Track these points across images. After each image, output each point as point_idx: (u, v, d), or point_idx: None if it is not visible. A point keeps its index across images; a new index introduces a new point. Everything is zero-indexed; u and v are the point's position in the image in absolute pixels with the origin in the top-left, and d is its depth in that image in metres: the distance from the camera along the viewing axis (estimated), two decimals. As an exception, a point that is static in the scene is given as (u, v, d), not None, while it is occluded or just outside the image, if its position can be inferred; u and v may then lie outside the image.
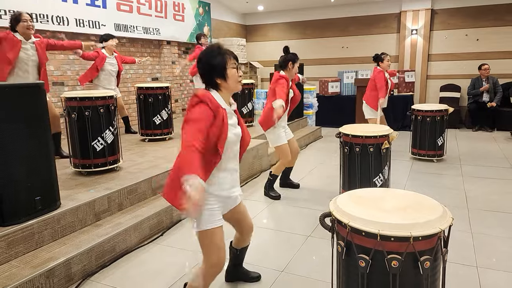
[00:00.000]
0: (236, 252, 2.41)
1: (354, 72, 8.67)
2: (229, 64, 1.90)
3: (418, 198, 1.76)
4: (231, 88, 1.94)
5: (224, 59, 1.89)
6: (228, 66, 1.90)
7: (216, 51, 1.90)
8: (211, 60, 1.89)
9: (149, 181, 3.65)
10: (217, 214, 1.94)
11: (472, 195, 4.06)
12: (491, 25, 8.27)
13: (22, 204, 2.59)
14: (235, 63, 1.93)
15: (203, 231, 1.91)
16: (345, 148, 3.60)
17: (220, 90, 1.94)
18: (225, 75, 1.89)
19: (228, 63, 1.90)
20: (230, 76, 1.90)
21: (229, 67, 1.90)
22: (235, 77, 1.92)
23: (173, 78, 7.76)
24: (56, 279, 2.46)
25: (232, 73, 1.91)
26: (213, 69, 1.89)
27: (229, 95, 1.99)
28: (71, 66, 5.68)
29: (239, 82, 1.96)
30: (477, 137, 7.17)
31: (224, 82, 1.91)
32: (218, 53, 1.90)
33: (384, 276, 1.51)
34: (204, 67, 1.92)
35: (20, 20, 3.74)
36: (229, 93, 1.98)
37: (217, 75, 1.90)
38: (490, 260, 2.76)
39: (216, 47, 1.93)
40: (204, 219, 1.90)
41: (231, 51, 1.95)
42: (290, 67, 3.83)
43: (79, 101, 3.58)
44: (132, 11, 6.53)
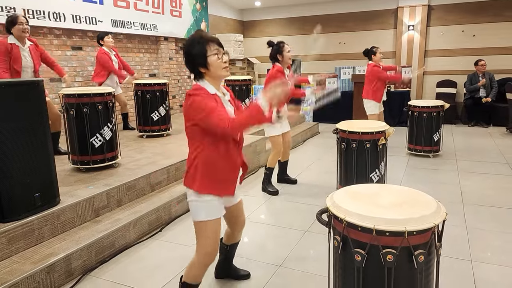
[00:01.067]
0: (226, 248, 2.41)
1: (351, 68, 8.69)
2: (210, 52, 1.84)
3: (413, 194, 1.80)
4: (215, 75, 1.89)
5: (204, 47, 1.83)
6: (208, 54, 1.83)
7: (196, 40, 1.85)
8: (191, 49, 1.85)
9: (148, 177, 3.68)
10: (217, 206, 1.96)
11: (467, 190, 4.11)
12: (488, 21, 8.29)
13: (22, 200, 2.61)
14: (217, 49, 1.86)
15: (200, 222, 1.93)
16: (342, 144, 3.63)
17: (206, 78, 1.89)
18: (206, 63, 1.84)
19: (208, 50, 1.83)
20: (212, 63, 1.85)
21: (210, 55, 1.84)
22: (217, 64, 1.86)
23: (170, 74, 7.76)
24: (57, 274, 2.49)
25: (213, 60, 1.84)
26: (194, 58, 1.85)
27: (218, 83, 1.94)
28: (69, 62, 5.67)
29: (224, 69, 1.89)
30: (473, 133, 7.22)
31: (207, 71, 1.87)
32: (197, 41, 1.85)
33: (379, 270, 1.55)
34: (187, 58, 1.89)
35: (16, 23, 3.73)
36: (216, 81, 1.92)
37: (199, 65, 1.85)
38: (484, 254, 2.81)
39: (197, 36, 1.88)
40: (202, 210, 1.92)
41: (213, 37, 1.88)
42: (280, 58, 3.91)
43: (77, 97, 3.59)
44: (129, 7, 6.51)
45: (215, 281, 2.53)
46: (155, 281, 2.56)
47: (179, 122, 6.76)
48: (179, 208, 3.65)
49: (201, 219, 1.93)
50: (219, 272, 2.53)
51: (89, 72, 5.94)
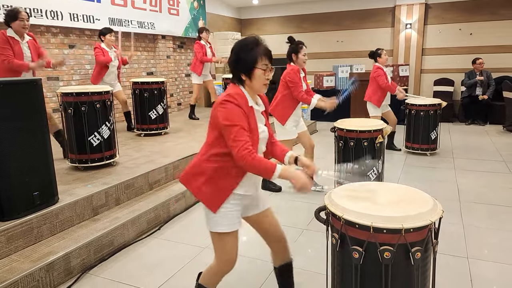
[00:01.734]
0: (277, 271, 2.13)
1: (348, 66, 8.71)
2: (259, 64, 1.75)
3: (409, 192, 1.81)
4: (254, 88, 1.80)
5: (255, 57, 1.74)
6: (257, 66, 1.74)
7: (251, 46, 1.76)
8: (242, 53, 1.76)
9: (146, 176, 3.68)
10: (233, 218, 1.84)
11: (464, 188, 4.14)
12: (485, 19, 8.32)
13: (21, 199, 2.62)
14: (266, 65, 1.77)
15: (215, 233, 1.84)
16: (340, 142, 3.65)
17: (244, 87, 1.81)
18: (251, 74, 1.76)
19: (258, 62, 1.74)
20: (256, 76, 1.76)
21: (258, 67, 1.75)
22: (261, 79, 1.77)
23: (168, 72, 7.75)
24: (56, 272, 2.49)
25: (259, 74, 1.76)
26: (241, 63, 1.76)
27: (254, 94, 1.85)
28: (66, 60, 5.65)
29: (264, 85, 1.81)
30: (470, 131, 7.26)
31: (248, 80, 1.78)
32: (251, 48, 1.76)
33: (377, 267, 1.56)
34: (233, 59, 1.79)
35: (17, 18, 3.69)
36: (253, 92, 1.83)
37: (243, 71, 1.77)
38: (480, 251, 2.83)
39: (253, 40, 1.79)
40: (218, 221, 1.82)
41: (267, 50, 1.79)
42: (294, 58, 3.86)
43: (75, 96, 3.59)
44: (126, 5, 6.50)
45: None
46: (154, 279, 2.57)
47: (177, 120, 6.77)
48: (178, 207, 3.66)
49: (216, 231, 1.83)
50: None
51: (86, 70, 5.94)
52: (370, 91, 5.36)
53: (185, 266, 2.72)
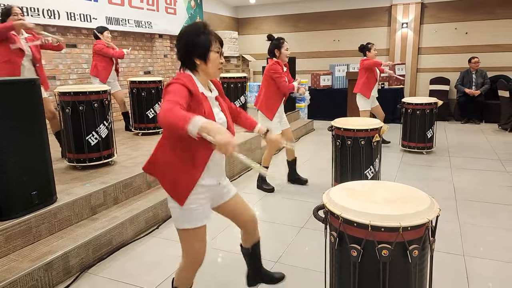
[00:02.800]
0: (249, 251, 2.16)
1: (345, 66, 8.74)
2: (213, 47, 1.73)
3: (407, 190, 1.83)
4: (209, 72, 1.77)
5: (209, 40, 1.72)
6: (212, 49, 1.73)
7: (201, 30, 1.73)
8: (194, 38, 1.72)
9: (144, 175, 3.69)
10: (199, 214, 1.79)
11: (460, 186, 4.17)
12: (481, 18, 8.37)
13: (19, 199, 2.62)
14: (219, 48, 1.76)
15: (182, 230, 1.81)
16: (337, 141, 3.67)
17: (197, 72, 1.76)
18: (206, 57, 1.72)
19: (212, 45, 1.73)
20: (212, 60, 1.73)
21: (213, 50, 1.73)
22: (216, 62, 1.75)
23: (165, 71, 7.75)
24: (55, 272, 2.50)
25: (214, 57, 1.74)
26: (195, 48, 1.71)
27: (206, 80, 1.81)
28: (63, 60, 5.65)
29: (219, 69, 1.79)
30: (465, 130, 7.31)
31: (203, 65, 1.74)
32: (202, 32, 1.73)
33: (375, 264, 1.58)
34: (185, 44, 1.74)
35: (10, 14, 3.70)
36: (206, 78, 1.80)
37: (197, 56, 1.72)
38: (476, 249, 2.86)
39: (202, 24, 1.76)
40: (184, 218, 1.79)
41: (217, 35, 1.78)
42: (277, 54, 3.93)
43: (73, 95, 3.59)
44: (123, 4, 6.49)
45: (211, 277, 2.56)
46: (152, 278, 2.58)
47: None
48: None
49: (183, 227, 1.80)
50: (251, 280, 2.30)
51: (83, 69, 5.93)
52: (359, 83, 5.47)
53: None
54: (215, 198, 1.92)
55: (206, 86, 1.82)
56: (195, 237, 1.81)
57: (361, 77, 5.48)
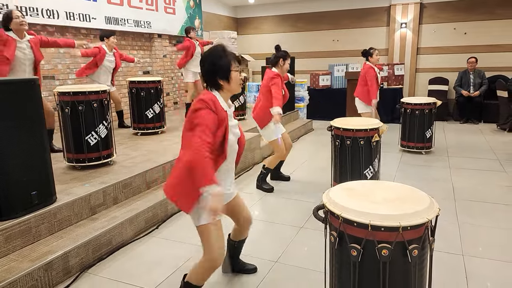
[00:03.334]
0: (234, 244, 2.47)
1: (344, 65, 8.75)
2: (233, 67, 1.97)
3: (406, 190, 1.84)
4: (232, 90, 2.01)
5: (229, 61, 1.95)
6: (232, 69, 1.96)
7: (221, 53, 1.96)
8: (216, 61, 1.94)
9: (144, 175, 3.69)
10: None
11: (458, 186, 4.19)
12: (479, 19, 8.39)
13: (19, 199, 2.62)
14: (238, 66, 2.00)
15: (202, 226, 1.97)
16: (336, 141, 3.68)
17: (221, 90, 2.00)
18: (229, 77, 1.96)
19: (232, 65, 1.96)
20: (233, 78, 1.97)
21: (233, 70, 1.96)
22: (237, 80, 1.99)
23: (164, 71, 7.75)
24: (54, 272, 2.50)
25: (235, 75, 1.98)
26: (218, 70, 1.94)
27: (228, 96, 2.05)
28: (62, 60, 5.64)
29: (240, 85, 2.04)
30: (464, 130, 7.33)
31: (226, 84, 1.97)
32: (223, 55, 1.96)
33: (375, 264, 1.59)
34: (209, 68, 1.96)
35: (12, 18, 3.71)
36: (229, 94, 2.04)
37: (221, 77, 1.95)
38: (475, 249, 2.87)
39: (221, 48, 1.99)
40: (202, 215, 1.95)
41: (234, 54, 2.02)
42: (281, 64, 3.97)
43: (72, 95, 3.59)
44: (122, 4, 6.48)
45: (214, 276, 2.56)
46: (152, 278, 2.59)
47: (173, 119, 6.76)
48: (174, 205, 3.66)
49: (202, 223, 1.97)
50: (226, 267, 2.58)
51: (82, 69, 5.90)
52: (360, 89, 5.42)
53: (183, 264, 2.74)
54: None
55: (227, 102, 2.04)
56: (212, 233, 1.96)
57: (363, 84, 5.40)
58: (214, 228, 1.97)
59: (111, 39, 5.37)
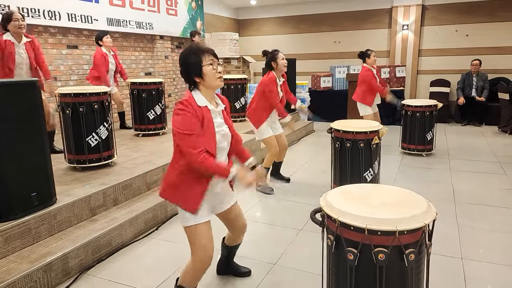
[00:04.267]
0: (227, 249, 2.49)
1: (346, 67, 8.75)
2: (205, 62, 1.90)
3: (404, 194, 1.84)
4: (210, 85, 1.94)
5: (199, 58, 1.89)
6: (203, 64, 1.90)
7: (192, 51, 1.92)
8: (187, 59, 1.91)
9: (144, 177, 3.70)
10: (201, 211, 1.98)
11: (459, 189, 4.18)
12: (481, 21, 8.38)
13: (19, 200, 2.63)
14: (212, 59, 1.92)
15: (188, 227, 1.98)
16: (336, 144, 3.68)
17: (200, 88, 1.95)
18: (201, 73, 1.90)
19: (203, 61, 1.90)
20: (206, 73, 1.90)
21: (205, 65, 1.90)
22: (211, 74, 1.92)
23: (166, 72, 7.76)
24: (54, 273, 2.51)
25: (208, 70, 1.90)
26: (189, 68, 1.91)
27: (211, 93, 1.99)
28: (64, 61, 5.66)
29: (218, 79, 1.95)
30: (465, 132, 7.31)
31: (202, 80, 1.92)
32: (193, 52, 1.91)
33: (371, 268, 1.59)
34: (183, 68, 1.95)
35: (11, 20, 3.73)
36: (210, 91, 1.97)
37: (194, 74, 1.91)
38: (474, 252, 2.87)
39: (193, 46, 1.95)
40: (189, 216, 1.96)
41: (208, 48, 1.95)
42: (274, 66, 4.00)
43: (73, 97, 3.60)
44: (124, 5, 6.50)
45: (212, 278, 2.57)
46: (152, 279, 2.59)
47: (175, 120, 6.77)
48: (175, 207, 3.66)
49: (189, 224, 1.98)
50: (221, 269, 2.60)
51: (84, 70, 5.94)
52: (360, 92, 5.42)
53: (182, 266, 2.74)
54: (217, 206, 2.14)
55: (212, 100, 2.00)
56: (200, 233, 1.96)
57: (361, 87, 5.42)
58: (201, 228, 1.97)
59: (105, 39, 5.37)
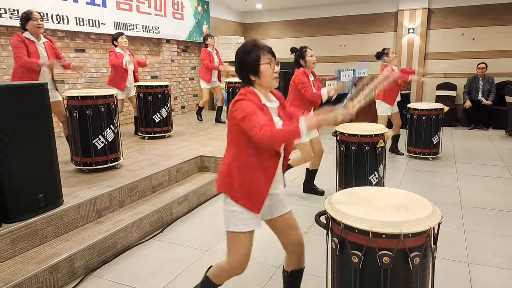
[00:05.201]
0: (286, 274, 2.19)
1: (351, 71, 8.74)
2: (263, 60, 1.82)
3: (409, 197, 1.84)
4: (265, 85, 1.85)
5: (258, 55, 1.81)
6: (261, 62, 1.81)
7: (250, 47, 1.85)
8: (244, 56, 1.84)
9: (149, 179, 3.72)
10: (248, 218, 1.86)
11: (465, 193, 4.15)
12: (488, 24, 8.33)
13: (26, 201, 2.66)
14: (269, 58, 1.84)
15: (230, 232, 1.90)
16: (341, 147, 3.67)
17: (255, 86, 1.87)
18: (258, 72, 1.82)
19: (261, 59, 1.81)
20: (263, 72, 1.82)
21: (263, 63, 1.81)
22: (268, 73, 1.83)
23: (172, 76, 7.81)
24: (60, 274, 2.53)
25: (265, 69, 1.82)
26: (246, 65, 1.83)
27: (266, 91, 1.90)
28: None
29: (274, 79, 1.86)
30: (472, 136, 7.26)
31: (257, 79, 1.83)
32: (252, 49, 1.84)
33: (376, 271, 1.58)
34: (238, 64, 1.87)
35: (30, 19, 3.80)
36: (264, 90, 1.89)
37: (250, 72, 1.83)
38: (481, 257, 2.84)
39: (251, 43, 1.87)
40: (233, 220, 1.87)
41: (267, 46, 1.87)
42: (303, 63, 3.84)
43: (80, 100, 3.64)
44: (131, 9, 6.57)
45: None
46: (157, 281, 2.60)
47: (180, 123, 6.81)
48: (180, 209, 3.69)
49: (231, 230, 1.89)
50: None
51: (91, 74, 6.00)
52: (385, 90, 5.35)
53: (187, 268, 2.75)
54: (272, 208, 1.99)
55: (268, 97, 1.91)
56: (238, 241, 1.89)
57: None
58: (243, 236, 1.88)
59: (120, 40, 5.39)
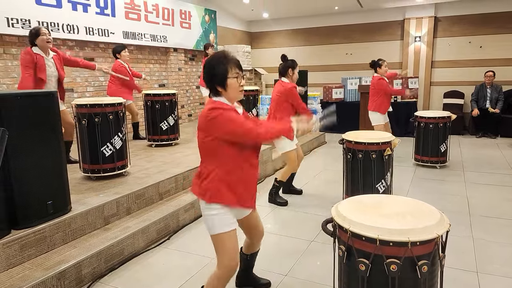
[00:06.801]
0: (246, 258, 2.45)
1: (357, 79, 8.75)
2: (230, 74, 1.91)
3: (417, 205, 1.83)
4: (230, 97, 1.96)
5: (226, 69, 1.90)
6: (229, 76, 1.90)
7: (219, 60, 1.92)
8: (213, 68, 1.92)
9: (157, 186, 3.74)
10: (228, 218, 1.97)
11: (474, 202, 4.11)
12: (494, 32, 8.32)
13: (35, 208, 2.68)
14: (237, 73, 1.93)
15: (215, 235, 1.97)
16: (348, 155, 3.67)
17: (221, 97, 1.96)
18: (225, 85, 1.91)
19: (229, 72, 1.90)
20: (230, 85, 1.91)
21: (230, 77, 1.91)
22: (234, 87, 1.93)
23: (179, 84, 7.88)
24: (67, 281, 2.54)
25: (232, 82, 1.92)
26: (214, 77, 1.91)
27: (232, 102, 2.01)
28: (80, 73, 5.80)
29: (240, 92, 1.97)
30: (480, 144, 7.20)
31: (224, 91, 1.93)
32: (221, 62, 1.91)
33: (383, 279, 1.58)
34: (207, 75, 1.95)
35: (39, 34, 3.90)
36: (230, 102, 1.99)
37: (218, 84, 1.92)
38: (490, 266, 2.81)
39: (221, 55, 1.95)
40: (216, 224, 1.95)
41: (235, 60, 1.96)
42: (290, 73, 3.98)
43: (89, 108, 3.68)
44: (140, 19, 6.66)
45: None
46: (163, 289, 2.61)
47: (187, 131, 6.85)
48: (187, 217, 3.70)
49: (216, 232, 1.97)
50: (241, 281, 2.55)
51: (100, 82, 6.07)
52: (378, 101, 5.41)
53: (193, 276, 2.75)
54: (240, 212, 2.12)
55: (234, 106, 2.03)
56: (226, 242, 1.98)
57: (376, 96, 5.43)
58: (228, 237, 1.97)
59: (123, 53, 5.51)
